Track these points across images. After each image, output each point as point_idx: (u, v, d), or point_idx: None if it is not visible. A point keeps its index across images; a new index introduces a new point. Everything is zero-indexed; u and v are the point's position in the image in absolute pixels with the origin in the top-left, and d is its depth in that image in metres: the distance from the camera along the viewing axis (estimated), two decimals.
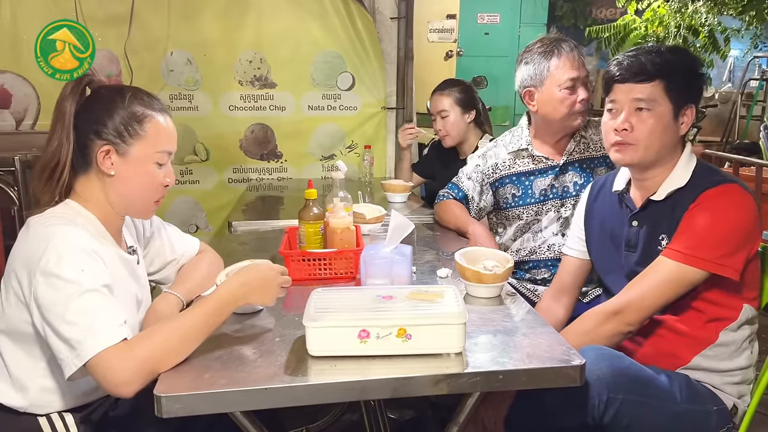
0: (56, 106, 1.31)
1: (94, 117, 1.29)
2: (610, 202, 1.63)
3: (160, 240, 1.56)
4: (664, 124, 1.44)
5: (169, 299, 1.44)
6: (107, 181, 1.30)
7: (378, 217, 2.14)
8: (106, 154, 1.28)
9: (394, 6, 3.54)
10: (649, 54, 1.46)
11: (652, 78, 1.43)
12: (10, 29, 3.23)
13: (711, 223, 1.37)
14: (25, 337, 1.23)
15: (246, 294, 1.26)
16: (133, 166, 1.31)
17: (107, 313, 1.14)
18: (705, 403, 1.42)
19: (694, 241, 1.37)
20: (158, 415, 1.06)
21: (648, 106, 1.44)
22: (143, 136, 1.30)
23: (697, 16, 5.66)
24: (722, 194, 1.39)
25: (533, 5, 7.59)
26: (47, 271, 1.15)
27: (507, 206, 2.15)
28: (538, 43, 2.03)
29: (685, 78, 1.45)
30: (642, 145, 1.45)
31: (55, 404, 1.28)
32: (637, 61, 1.45)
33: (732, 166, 3.99)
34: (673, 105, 1.44)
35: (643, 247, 1.50)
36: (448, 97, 2.77)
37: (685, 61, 1.46)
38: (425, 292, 1.30)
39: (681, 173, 1.46)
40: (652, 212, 1.49)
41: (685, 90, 1.44)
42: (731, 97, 7.74)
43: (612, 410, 1.31)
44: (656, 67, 1.43)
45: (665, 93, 1.43)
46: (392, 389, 1.14)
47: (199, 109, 3.48)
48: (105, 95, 1.32)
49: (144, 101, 1.32)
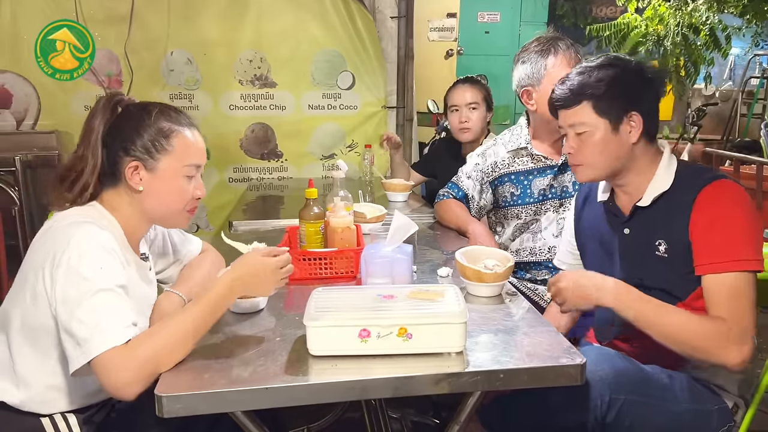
0: (87, 121, 1.34)
1: (122, 134, 1.32)
2: (597, 213, 1.63)
3: (163, 240, 1.57)
4: (604, 141, 1.45)
5: (172, 298, 1.45)
6: (136, 197, 1.34)
7: (378, 217, 2.14)
8: (134, 170, 1.31)
9: (395, 5, 3.54)
10: (576, 76, 1.48)
11: (579, 101, 1.46)
12: (11, 29, 3.23)
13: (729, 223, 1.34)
14: (38, 334, 1.24)
15: (241, 288, 1.27)
16: (161, 181, 1.33)
17: (117, 314, 1.15)
18: (706, 402, 1.41)
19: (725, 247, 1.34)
20: (159, 414, 1.06)
21: (581, 129, 1.47)
22: (170, 151, 1.33)
23: (697, 15, 5.65)
24: (721, 191, 1.37)
25: (533, 4, 7.58)
26: (68, 266, 1.17)
27: (506, 205, 2.15)
28: (534, 42, 2.03)
29: (612, 90, 1.44)
30: (588, 165, 1.48)
31: (59, 403, 1.28)
32: (564, 88, 1.49)
33: (733, 164, 3.99)
34: (608, 119, 1.44)
35: (638, 253, 1.49)
36: (480, 91, 2.77)
37: (611, 73, 1.45)
38: (426, 292, 1.30)
39: (664, 175, 1.46)
40: (642, 218, 1.49)
41: (616, 102, 1.44)
42: (732, 95, 7.73)
43: (614, 411, 1.30)
44: (579, 90, 1.46)
45: (594, 112, 1.45)
46: (393, 388, 1.14)
47: (199, 108, 3.48)
48: (133, 113, 1.35)
49: (171, 117, 1.35)
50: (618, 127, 1.44)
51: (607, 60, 1.48)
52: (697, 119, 6.49)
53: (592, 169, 1.49)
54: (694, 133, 6.48)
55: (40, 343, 1.24)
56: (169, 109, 1.37)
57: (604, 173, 1.49)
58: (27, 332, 1.25)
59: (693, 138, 6.47)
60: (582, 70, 1.48)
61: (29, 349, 1.25)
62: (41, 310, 1.21)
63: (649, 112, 1.45)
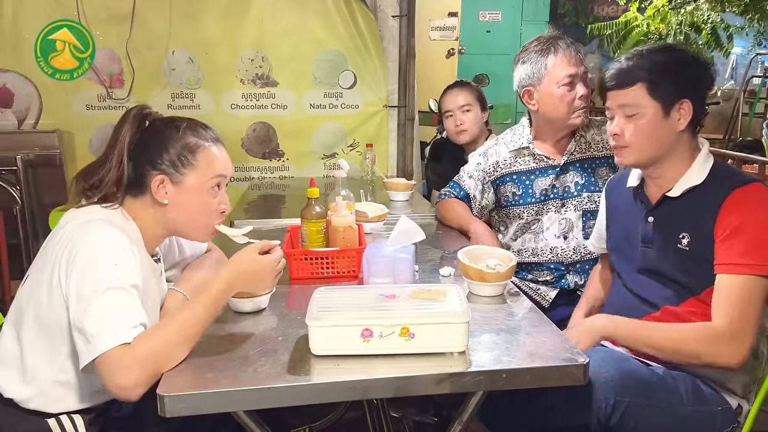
0: (114, 131, 1.36)
1: (150, 148, 1.34)
2: (626, 198, 1.64)
3: (170, 240, 1.57)
4: (654, 125, 1.45)
5: (176, 297, 1.46)
6: (160, 209, 1.35)
7: (380, 216, 2.14)
8: (160, 183, 1.33)
9: (396, 4, 3.53)
10: (632, 58, 1.48)
11: (634, 82, 1.46)
12: (12, 28, 3.23)
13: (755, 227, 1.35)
14: (51, 328, 1.24)
15: (238, 285, 1.28)
16: (187, 195, 1.35)
17: (125, 313, 1.16)
18: (710, 403, 1.41)
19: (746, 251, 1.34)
20: (161, 414, 1.06)
21: (633, 111, 1.47)
22: (196, 166, 1.35)
23: (698, 13, 5.64)
24: (753, 194, 1.38)
25: (535, 3, 7.57)
26: (84, 262, 1.18)
27: (508, 204, 2.15)
28: (534, 42, 2.02)
29: (669, 75, 1.44)
30: (635, 147, 1.48)
31: (65, 401, 1.28)
32: (620, 67, 1.49)
33: (734, 163, 3.98)
34: (661, 104, 1.44)
35: (660, 243, 1.50)
36: (471, 93, 2.79)
37: (669, 58, 1.46)
38: (428, 291, 1.30)
39: (698, 171, 1.46)
40: (668, 209, 1.49)
41: (672, 86, 1.44)
42: (734, 95, 7.71)
43: (618, 413, 1.30)
44: (637, 71, 1.46)
45: (648, 94, 1.44)
46: (395, 388, 1.14)
47: (200, 107, 3.48)
48: (160, 127, 1.37)
49: (197, 132, 1.38)
50: (669, 113, 1.44)
51: (666, 45, 1.51)
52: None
53: (638, 151, 1.48)
54: None
55: (51, 337, 1.25)
56: (196, 125, 1.40)
57: (647, 157, 1.49)
58: (40, 326, 1.25)
59: None
60: (637, 53, 1.49)
61: (40, 344, 1.26)
62: (55, 305, 1.22)
63: (700, 102, 1.47)
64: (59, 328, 1.23)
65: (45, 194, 3.25)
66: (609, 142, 1.57)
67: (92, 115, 3.37)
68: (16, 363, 1.27)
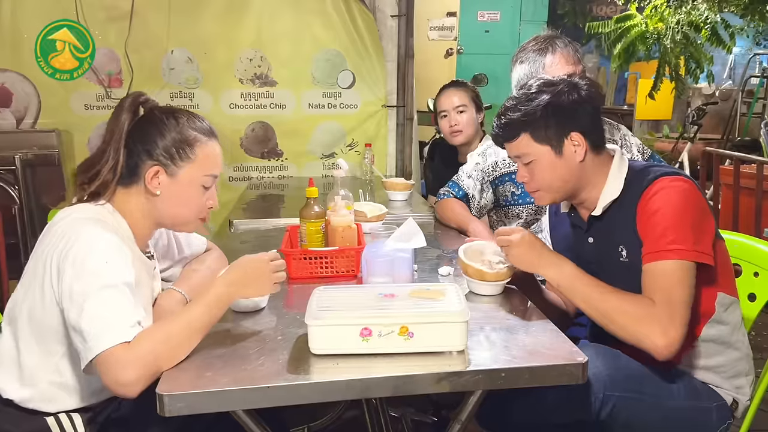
0: (111, 119, 1.34)
1: (147, 138, 1.33)
2: (564, 223, 1.66)
3: (168, 238, 1.57)
4: (552, 166, 1.46)
5: (174, 296, 1.45)
6: (151, 199, 1.34)
7: (379, 216, 2.14)
8: (155, 173, 1.32)
9: (395, 4, 3.53)
10: (510, 110, 1.48)
11: (517, 134, 1.47)
12: (11, 28, 3.23)
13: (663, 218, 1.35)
14: (44, 328, 1.24)
15: (238, 288, 1.28)
16: (180, 187, 1.34)
17: (122, 311, 1.15)
18: (704, 399, 1.42)
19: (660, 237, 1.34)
20: (161, 413, 1.06)
21: (527, 159, 1.48)
22: (193, 159, 1.34)
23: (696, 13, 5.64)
24: (661, 187, 1.38)
25: (533, 3, 7.57)
26: (75, 261, 1.17)
27: (507, 204, 2.15)
28: (532, 42, 2.03)
29: (545, 119, 1.44)
30: (544, 190, 1.50)
31: (64, 401, 1.28)
32: (500, 124, 1.51)
33: (733, 163, 3.99)
34: (550, 145, 1.45)
35: (604, 261, 1.50)
36: (466, 93, 2.78)
37: (542, 100, 1.44)
38: (427, 290, 1.30)
39: (613, 184, 1.47)
40: (599, 227, 1.51)
41: (553, 127, 1.44)
42: (732, 95, 7.73)
43: (608, 408, 1.31)
44: (516, 124, 1.47)
45: (535, 141, 1.46)
46: (394, 387, 1.14)
47: (199, 107, 3.48)
48: (159, 117, 1.35)
49: (197, 126, 1.37)
50: (561, 150, 1.45)
51: (537, 87, 1.48)
52: (697, 118, 6.48)
53: (549, 192, 1.50)
54: (694, 132, 6.47)
55: (45, 338, 1.25)
56: (196, 118, 1.39)
57: (561, 194, 1.51)
58: (33, 326, 1.25)
59: (693, 137, 6.46)
60: (514, 102, 1.48)
61: (35, 344, 1.26)
62: (48, 305, 1.21)
63: (589, 128, 1.46)
64: (53, 329, 1.23)
65: (43, 194, 3.25)
66: None
67: (91, 114, 3.37)
68: (14, 363, 1.27)
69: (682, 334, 1.27)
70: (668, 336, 1.25)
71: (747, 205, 3.82)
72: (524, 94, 1.48)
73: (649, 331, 1.26)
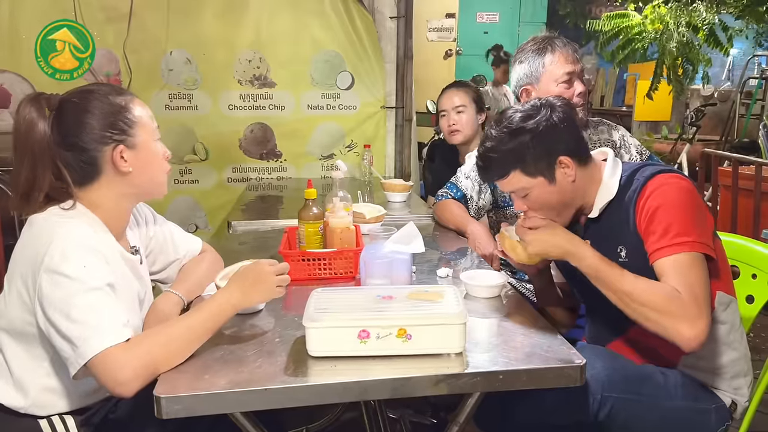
0: (23, 136, 1.25)
1: (83, 129, 1.27)
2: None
3: (163, 239, 1.56)
4: (547, 193, 1.45)
5: (171, 298, 1.45)
6: (124, 180, 1.32)
7: (378, 217, 2.14)
8: (120, 153, 1.29)
9: (394, 5, 3.54)
10: (491, 151, 1.46)
11: (508, 172, 1.46)
12: (10, 29, 3.22)
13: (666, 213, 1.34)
14: (28, 337, 1.23)
15: (241, 296, 1.27)
16: (144, 153, 1.33)
17: (110, 312, 1.15)
18: (702, 401, 1.42)
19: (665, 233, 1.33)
20: (158, 416, 1.06)
21: (522, 192, 1.47)
22: (137, 122, 1.32)
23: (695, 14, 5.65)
24: (658, 185, 1.38)
25: (532, 4, 7.59)
26: (51, 268, 1.15)
27: (505, 205, 2.15)
28: (530, 42, 2.03)
29: (532, 152, 1.43)
30: (546, 215, 1.47)
31: (56, 405, 1.28)
32: (487, 164, 1.49)
33: (731, 164, 3.99)
34: (542, 176, 1.44)
35: None
36: (467, 94, 2.79)
37: (524, 139, 1.43)
38: (425, 292, 1.30)
39: (608, 185, 1.47)
40: (597, 229, 1.50)
41: (542, 158, 1.43)
42: (730, 96, 7.74)
43: (606, 409, 1.31)
44: (505, 162, 1.45)
45: (526, 176, 1.44)
46: (392, 389, 1.14)
47: (198, 108, 3.48)
48: (82, 104, 1.29)
49: (117, 90, 1.35)
50: (554, 177, 1.45)
51: (517, 121, 1.45)
52: (695, 120, 6.49)
53: (552, 216, 1.48)
54: (692, 133, 6.48)
55: (30, 345, 1.24)
56: (109, 86, 1.36)
57: (563, 217, 1.49)
58: (16, 335, 1.25)
59: (691, 138, 6.47)
60: (496, 142, 1.46)
61: (21, 351, 1.25)
62: (27, 313, 1.20)
63: (573, 147, 1.46)
64: (35, 335, 1.22)
65: None
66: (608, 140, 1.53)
67: None
68: (5, 371, 1.26)
69: (708, 325, 1.26)
70: (696, 327, 1.25)
71: (745, 207, 3.82)
72: (505, 129, 1.45)
73: (678, 322, 1.25)
